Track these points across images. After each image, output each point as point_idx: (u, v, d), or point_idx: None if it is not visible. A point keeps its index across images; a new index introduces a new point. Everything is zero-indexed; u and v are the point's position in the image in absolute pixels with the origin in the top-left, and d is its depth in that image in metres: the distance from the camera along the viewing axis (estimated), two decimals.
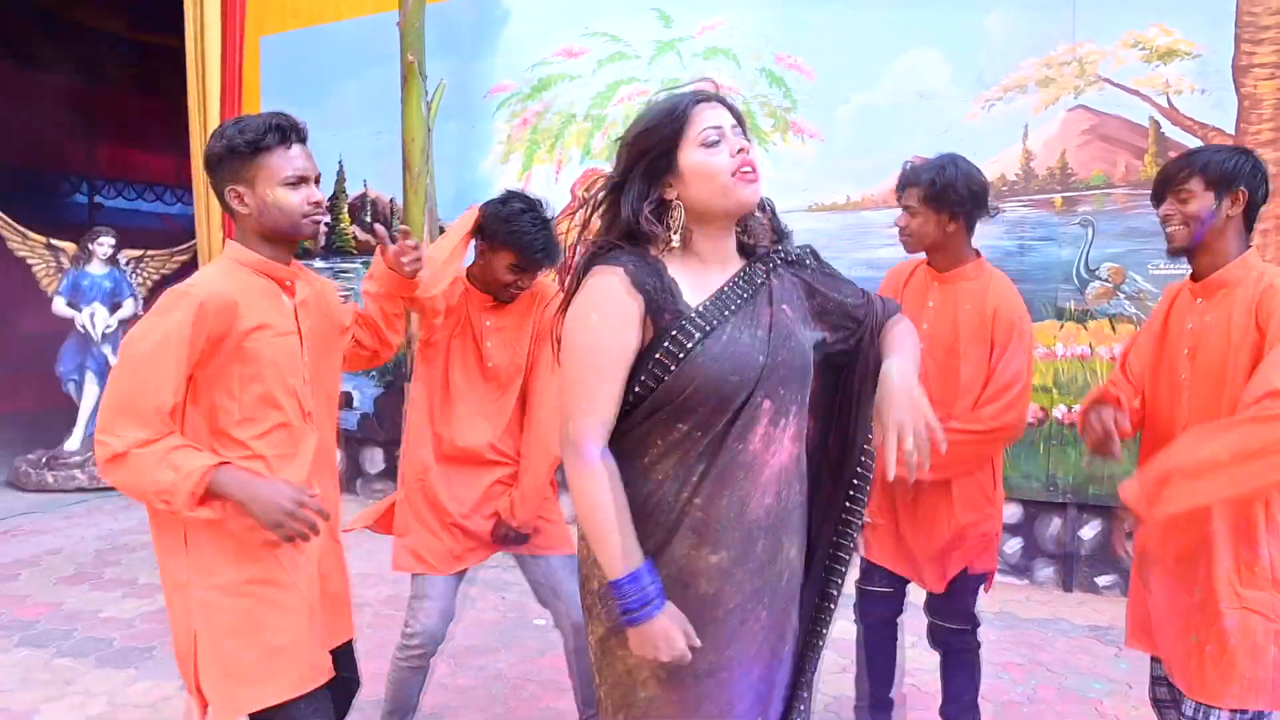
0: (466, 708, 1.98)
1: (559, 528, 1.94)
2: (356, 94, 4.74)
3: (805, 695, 1.20)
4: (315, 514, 1.25)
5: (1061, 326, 3.44)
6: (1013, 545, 3.55)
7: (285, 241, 1.39)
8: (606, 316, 1.05)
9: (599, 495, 1.04)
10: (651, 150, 1.08)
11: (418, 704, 1.91)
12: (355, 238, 4.87)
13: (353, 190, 4.85)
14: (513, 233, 1.79)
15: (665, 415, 1.07)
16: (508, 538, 1.87)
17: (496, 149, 4.44)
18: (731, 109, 1.12)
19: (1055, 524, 3.49)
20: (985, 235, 3.51)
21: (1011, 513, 3.55)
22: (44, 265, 5.06)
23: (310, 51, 4.85)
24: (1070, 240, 3.44)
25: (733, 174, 1.07)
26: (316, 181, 1.40)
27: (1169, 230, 1.46)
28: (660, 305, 1.06)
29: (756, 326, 1.10)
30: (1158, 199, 1.49)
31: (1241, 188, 1.41)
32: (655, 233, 1.09)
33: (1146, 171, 3.36)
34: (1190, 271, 1.50)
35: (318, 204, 1.37)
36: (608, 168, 4.43)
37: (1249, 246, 1.45)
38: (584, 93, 4.21)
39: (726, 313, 1.09)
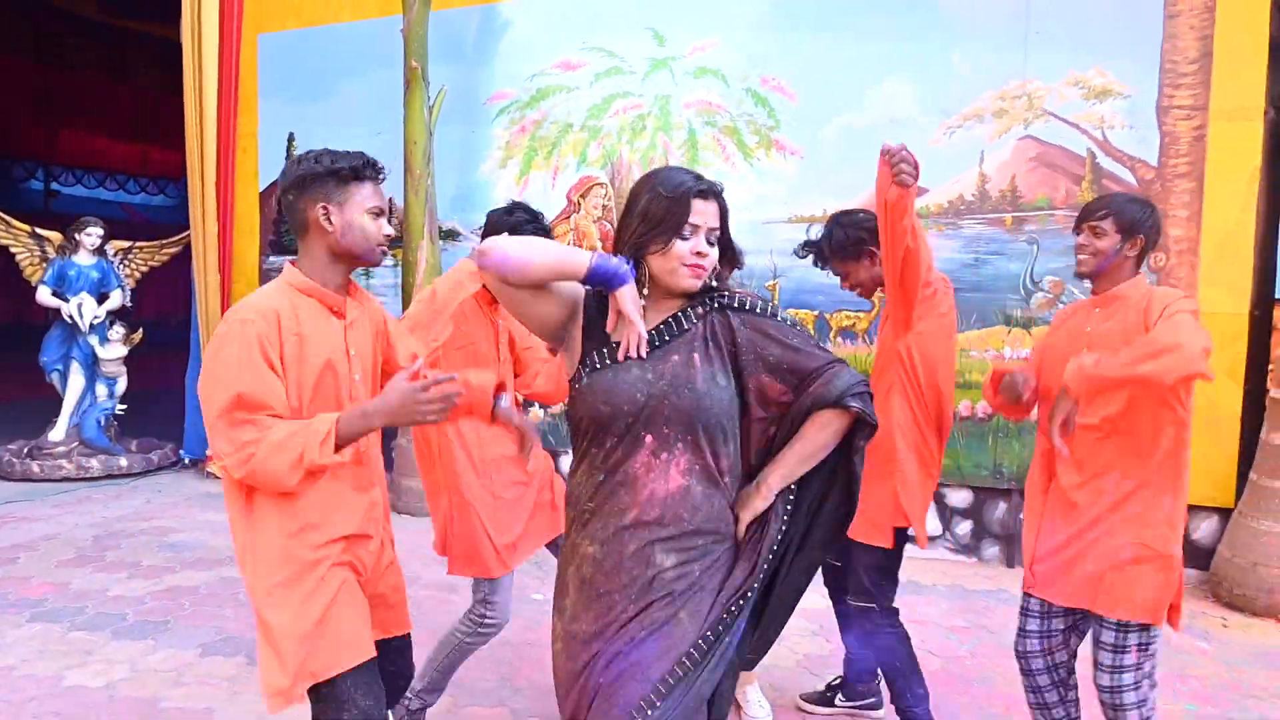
0: (479, 666, 2.22)
1: None
2: (357, 94, 4.86)
3: (680, 674, 1.23)
4: (441, 387, 1.34)
5: (1009, 332, 3.89)
6: (963, 527, 3.99)
7: (353, 262, 1.50)
8: (564, 298, 1.35)
9: (531, 242, 1.30)
10: (655, 225, 1.27)
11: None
12: None
13: None
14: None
15: (573, 430, 1.33)
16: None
17: (495, 154, 4.64)
18: (722, 202, 1.31)
19: (1001, 508, 3.95)
20: (944, 249, 3.97)
21: (962, 498, 4.00)
22: (28, 254, 5.01)
23: (310, 51, 4.94)
24: (1018, 255, 3.88)
25: (685, 264, 1.27)
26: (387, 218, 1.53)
27: (1080, 258, 1.86)
28: (589, 332, 1.31)
29: (650, 370, 1.27)
30: (1077, 229, 1.88)
31: (1142, 235, 1.81)
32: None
33: (1084, 196, 3.82)
34: (1091, 289, 1.91)
35: (389, 236, 1.51)
36: (602, 175, 4.72)
37: (1138, 273, 1.86)
38: (580, 104, 4.46)
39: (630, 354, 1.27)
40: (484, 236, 2.03)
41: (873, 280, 2.15)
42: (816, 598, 2.29)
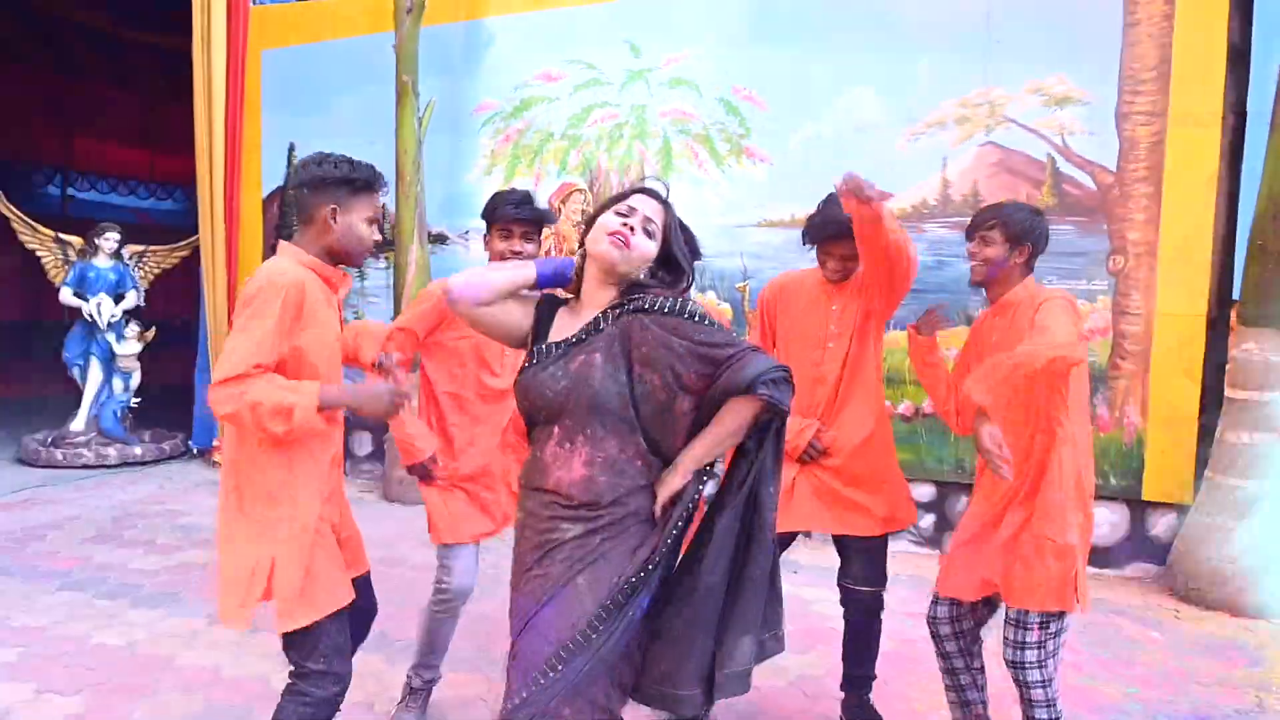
0: (459, 638, 2.43)
1: None
2: (352, 106, 5.12)
3: (593, 637, 1.35)
4: (403, 398, 1.63)
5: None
6: (926, 520, 4.11)
7: (342, 260, 1.69)
8: (527, 307, 1.52)
9: (485, 268, 1.49)
10: (596, 212, 1.47)
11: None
12: None
13: None
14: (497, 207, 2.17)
15: (520, 408, 1.50)
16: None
17: (481, 162, 4.86)
18: (670, 213, 1.45)
19: (963, 501, 4.05)
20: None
21: (926, 492, 4.11)
22: (52, 257, 5.37)
23: (310, 65, 5.22)
24: None
25: (610, 231, 1.40)
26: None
27: (971, 266, 1.94)
28: (537, 333, 1.47)
29: (560, 369, 1.40)
30: (969, 237, 1.96)
31: (1029, 244, 1.88)
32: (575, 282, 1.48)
33: (1044, 200, 3.92)
34: (986, 297, 1.98)
35: (377, 242, 1.72)
36: (581, 182, 4.93)
37: (1028, 277, 1.92)
38: (561, 114, 4.66)
39: (553, 353, 1.42)
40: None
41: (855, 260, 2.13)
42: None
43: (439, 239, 4.93)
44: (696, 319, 1.39)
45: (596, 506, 1.39)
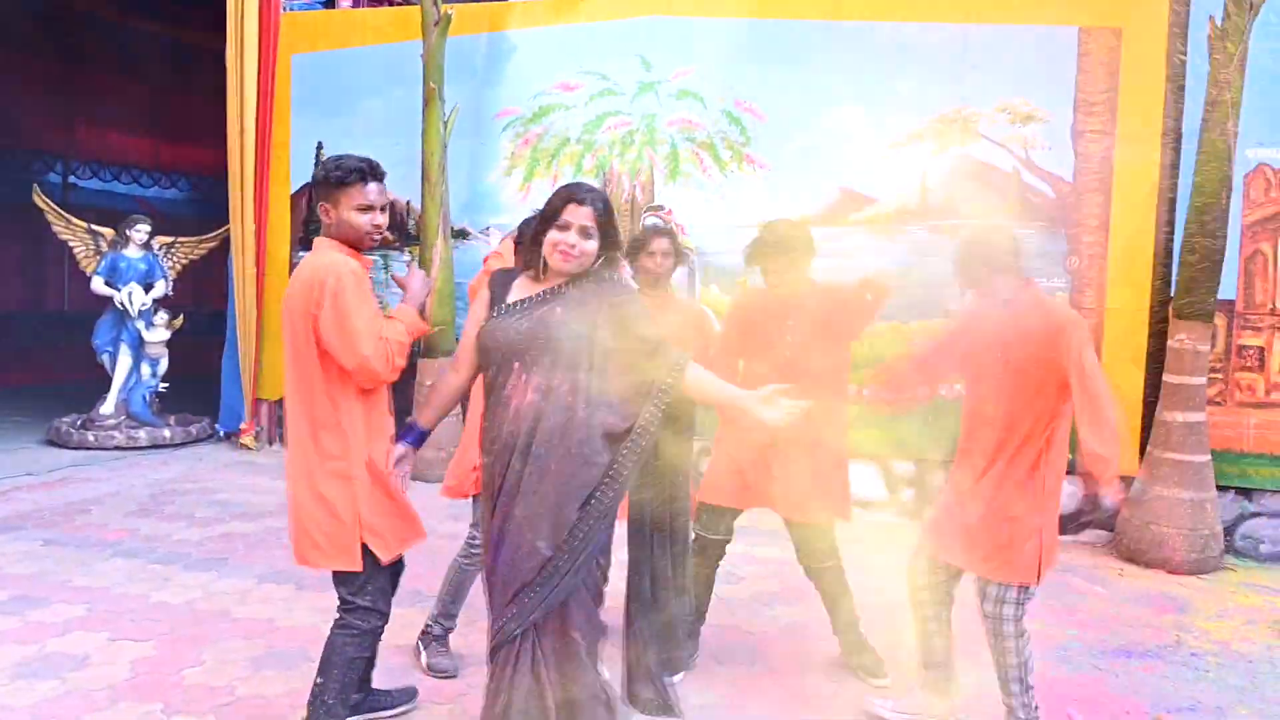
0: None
1: None
2: (379, 109, 5.44)
3: (553, 577, 1.61)
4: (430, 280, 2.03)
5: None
6: (907, 494, 4.58)
7: (354, 245, 1.94)
8: (477, 302, 1.84)
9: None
10: (542, 220, 1.73)
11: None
12: None
13: None
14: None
15: (480, 362, 1.75)
16: None
17: (502, 164, 5.21)
18: (596, 207, 1.68)
19: (941, 477, 4.53)
20: (892, 252, 4.57)
21: (907, 468, 4.58)
22: (84, 248, 5.58)
23: (338, 70, 5.51)
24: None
25: (557, 250, 1.68)
26: (383, 210, 1.93)
27: None
28: (495, 299, 1.76)
29: (524, 317, 1.68)
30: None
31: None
32: (534, 264, 1.76)
33: (1010, 207, 4.42)
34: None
35: (378, 226, 1.93)
36: (595, 184, 5.32)
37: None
38: (577, 121, 5.03)
39: (516, 308, 1.70)
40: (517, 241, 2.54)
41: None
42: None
43: (461, 234, 5.28)
44: (634, 306, 1.72)
45: (541, 443, 1.62)
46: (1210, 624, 3.27)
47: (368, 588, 1.94)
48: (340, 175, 1.89)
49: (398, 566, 2.10)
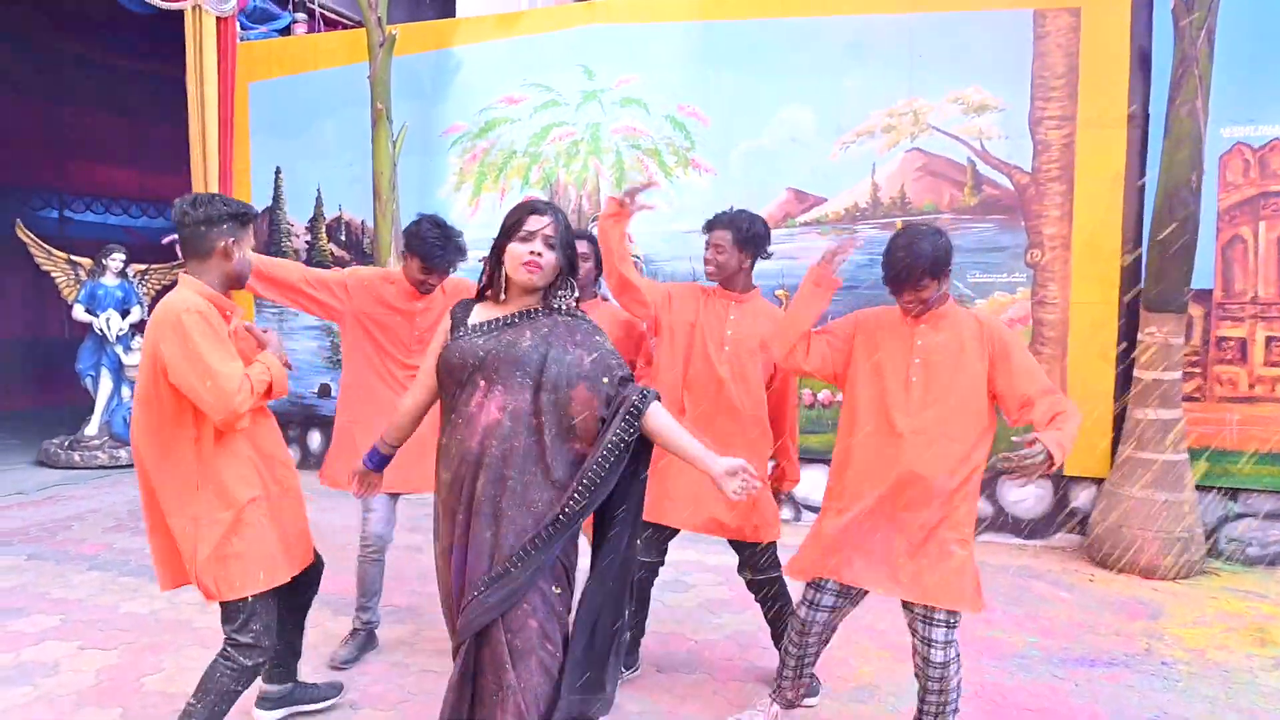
0: (433, 600, 2.76)
1: None
2: (333, 131, 5.50)
3: (495, 584, 1.59)
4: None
5: None
6: None
7: (235, 285, 1.95)
8: (437, 332, 1.78)
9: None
10: (502, 235, 1.68)
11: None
12: (332, 253, 5.64)
13: (329, 213, 5.62)
14: (420, 242, 2.55)
15: (440, 383, 1.71)
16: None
17: (451, 179, 5.21)
18: (557, 218, 1.66)
19: None
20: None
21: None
22: (65, 278, 5.78)
23: (293, 94, 5.60)
24: None
25: (523, 262, 1.64)
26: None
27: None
28: (456, 324, 1.72)
29: (488, 338, 1.65)
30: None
31: (948, 268, 1.99)
32: (495, 286, 1.71)
33: (966, 200, 4.22)
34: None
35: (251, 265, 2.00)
36: (543, 195, 5.39)
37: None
38: (523, 133, 5.00)
39: (480, 329, 1.67)
40: (407, 245, 2.59)
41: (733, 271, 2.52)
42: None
43: None
44: (592, 331, 1.69)
45: (508, 466, 1.59)
46: (1184, 631, 3.07)
47: (251, 625, 1.93)
48: (248, 213, 1.95)
49: (300, 599, 2.14)
